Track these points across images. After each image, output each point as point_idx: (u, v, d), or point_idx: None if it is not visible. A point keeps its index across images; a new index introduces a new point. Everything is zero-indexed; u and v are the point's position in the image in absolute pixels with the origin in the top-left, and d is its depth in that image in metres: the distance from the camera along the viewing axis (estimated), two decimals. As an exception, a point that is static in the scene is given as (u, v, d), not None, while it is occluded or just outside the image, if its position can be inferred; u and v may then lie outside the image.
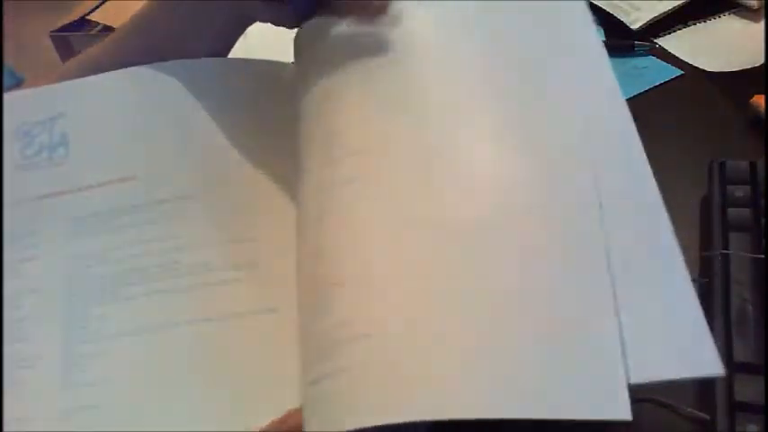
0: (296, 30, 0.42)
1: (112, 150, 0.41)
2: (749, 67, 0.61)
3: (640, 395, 0.29)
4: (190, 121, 0.41)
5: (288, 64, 0.44)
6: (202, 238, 0.38)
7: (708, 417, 0.38)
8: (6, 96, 0.43)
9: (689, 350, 0.28)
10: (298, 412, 0.31)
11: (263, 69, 0.43)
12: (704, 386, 0.39)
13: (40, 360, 0.36)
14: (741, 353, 0.38)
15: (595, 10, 0.70)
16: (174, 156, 0.40)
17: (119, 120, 0.42)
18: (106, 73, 0.42)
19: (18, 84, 0.53)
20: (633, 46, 0.65)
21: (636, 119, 0.34)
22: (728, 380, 0.38)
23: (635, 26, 0.66)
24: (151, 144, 0.41)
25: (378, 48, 0.37)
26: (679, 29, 0.67)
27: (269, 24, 0.42)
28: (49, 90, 0.43)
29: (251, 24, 0.44)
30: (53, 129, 0.42)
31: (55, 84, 0.43)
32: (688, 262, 0.30)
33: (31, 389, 0.35)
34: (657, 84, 0.61)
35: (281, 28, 0.42)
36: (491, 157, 0.34)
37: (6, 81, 0.53)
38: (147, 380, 0.35)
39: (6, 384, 0.35)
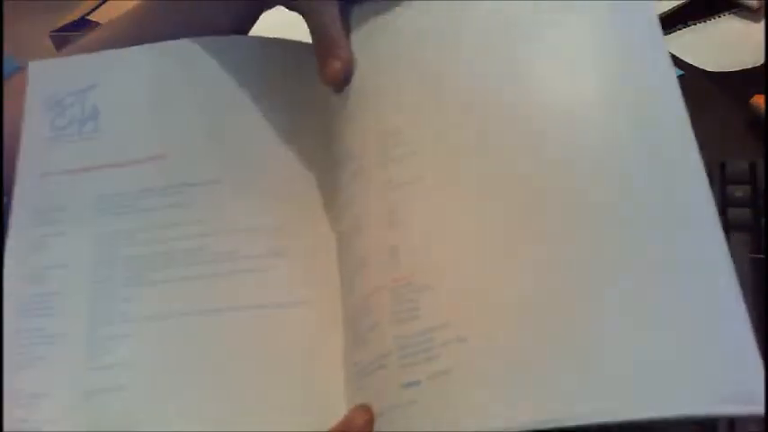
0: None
1: (142, 127, 0.40)
2: (749, 67, 0.61)
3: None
4: (222, 100, 0.40)
5: None
6: (230, 224, 0.37)
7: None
8: (34, 64, 0.42)
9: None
10: (361, 413, 0.31)
11: (299, 50, 0.42)
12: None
13: (65, 337, 0.35)
14: (741, 353, 0.38)
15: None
16: (205, 137, 0.39)
17: (150, 95, 0.40)
18: (140, 45, 0.41)
19: (18, 70, 0.52)
20: (633, 46, 0.65)
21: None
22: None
23: (635, 26, 0.66)
24: (181, 123, 0.39)
25: (439, 44, 0.36)
26: (679, 29, 0.67)
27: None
28: (82, 60, 0.42)
29: (268, 8, 0.43)
30: (85, 100, 0.40)
31: (89, 54, 0.42)
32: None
33: (53, 366, 0.35)
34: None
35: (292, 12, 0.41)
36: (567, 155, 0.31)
37: (6, 69, 0.51)
38: (169, 366, 0.34)
39: (26, 359, 0.35)
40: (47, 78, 0.41)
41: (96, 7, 2.01)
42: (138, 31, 0.44)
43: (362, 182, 0.35)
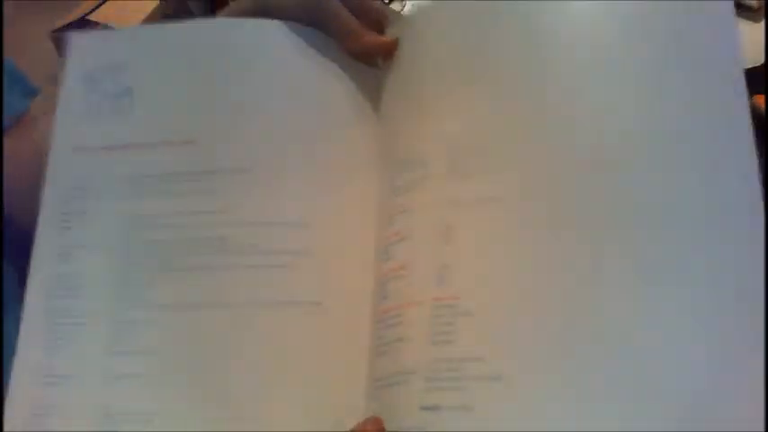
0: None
1: (174, 109, 0.38)
2: (749, 67, 0.61)
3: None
4: (257, 86, 0.38)
5: None
6: (254, 216, 0.35)
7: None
8: (76, 37, 0.41)
9: None
10: (372, 424, 0.31)
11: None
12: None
13: (88, 318, 0.35)
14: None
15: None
16: (235, 123, 0.37)
17: (183, 75, 0.39)
18: (173, 23, 0.40)
19: (33, 94, 0.52)
20: (633, 46, 0.65)
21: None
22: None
23: (635, 26, 0.66)
24: (212, 107, 0.38)
25: (511, 59, 0.33)
26: (679, 29, 0.67)
27: None
28: (118, 35, 0.42)
29: None
30: (118, 77, 0.39)
31: (122, 29, 0.41)
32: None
33: (78, 348, 0.34)
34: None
35: None
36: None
37: (20, 93, 0.52)
38: (184, 357, 0.34)
39: (53, 340, 0.35)
40: (84, 52, 0.41)
41: (96, 7, 2.01)
42: None
43: (425, 191, 0.33)
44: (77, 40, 0.41)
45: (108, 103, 0.39)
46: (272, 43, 0.39)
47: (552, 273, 0.29)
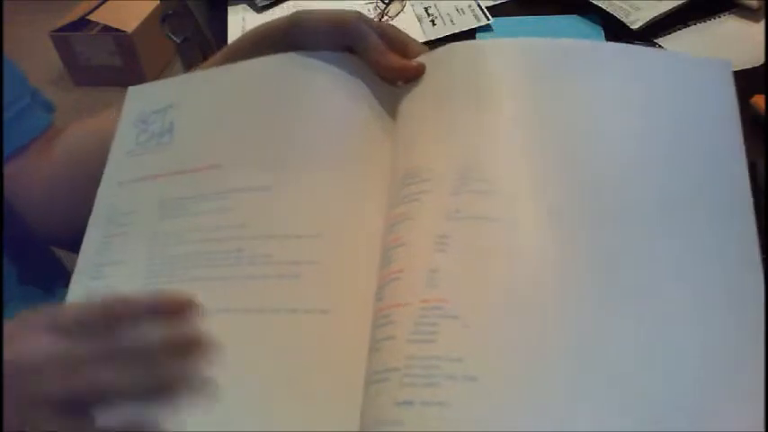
0: None
1: (206, 139, 0.43)
2: (749, 67, 0.61)
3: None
4: (278, 114, 0.42)
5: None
6: (268, 229, 0.38)
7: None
8: (132, 89, 0.47)
9: None
10: None
11: (353, 62, 0.43)
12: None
13: None
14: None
15: (595, 10, 0.70)
16: (259, 147, 0.41)
17: (214, 110, 0.44)
18: (213, 68, 0.46)
19: (51, 111, 0.56)
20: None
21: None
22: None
23: (635, 26, 0.66)
24: (238, 134, 0.42)
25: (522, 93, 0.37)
26: (679, 29, 0.67)
27: None
28: (167, 82, 0.47)
29: None
30: (165, 118, 0.44)
31: (175, 77, 0.47)
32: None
33: None
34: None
35: None
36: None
37: (43, 110, 0.56)
38: None
39: None
40: (139, 98, 0.46)
41: (96, 7, 2.01)
42: None
43: (427, 203, 0.35)
44: (134, 88, 0.47)
45: (154, 140, 0.44)
46: (295, 72, 0.43)
47: (537, 285, 0.31)
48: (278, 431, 0.32)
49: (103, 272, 0.40)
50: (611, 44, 0.40)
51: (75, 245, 0.42)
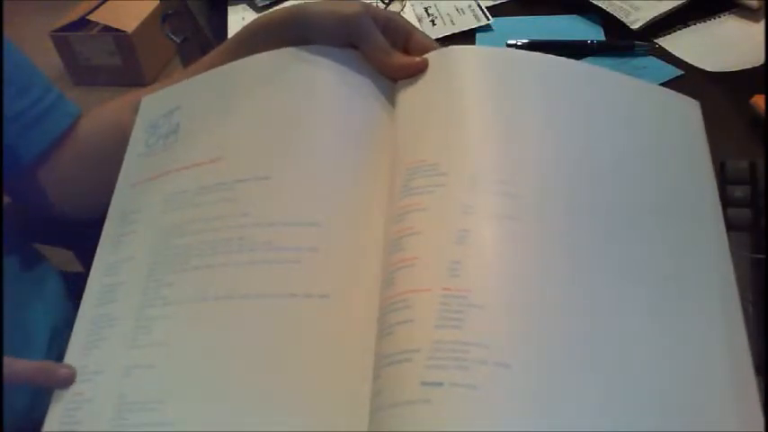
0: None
1: (209, 135, 0.44)
2: (749, 67, 0.61)
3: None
4: (277, 107, 0.43)
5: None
6: (271, 217, 0.39)
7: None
8: (145, 99, 0.49)
9: None
10: None
11: (355, 57, 0.44)
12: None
13: (119, 320, 0.39)
14: (741, 353, 0.38)
15: (595, 10, 0.70)
16: (259, 139, 0.42)
17: (219, 107, 0.45)
18: (215, 68, 0.47)
19: (78, 115, 0.57)
20: (633, 46, 0.65)
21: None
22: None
23: (635, 26, 0.66)
24: (240, 128, 0.43)
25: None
26: (679, 29, 0.67)
27: None
28: (174, 87, 0.48)
29: None
30: (171, 119, 0.46)
31: (183, 81, 0.48)
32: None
33: (107, 345, 0.38)
34: (657, 84, 0.61)
35: None
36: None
37: (67, 111, 0.57)
38: (197, 347, 0.36)
39: (93, 341, 0.39)
40: (151, 105, 0.48)
41: (96, 7, 2.01)
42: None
43: (443, 196, 0.36)
44: (147, 97, 0.49)
45: (161, 142, 0.45)
46: (294, 65, 0.44)
47: (559, 282, 0.33)
48: (279, 414, 0.33)
49: (115, 269, 0.41)
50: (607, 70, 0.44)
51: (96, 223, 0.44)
